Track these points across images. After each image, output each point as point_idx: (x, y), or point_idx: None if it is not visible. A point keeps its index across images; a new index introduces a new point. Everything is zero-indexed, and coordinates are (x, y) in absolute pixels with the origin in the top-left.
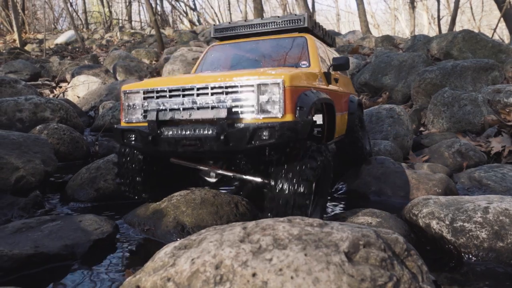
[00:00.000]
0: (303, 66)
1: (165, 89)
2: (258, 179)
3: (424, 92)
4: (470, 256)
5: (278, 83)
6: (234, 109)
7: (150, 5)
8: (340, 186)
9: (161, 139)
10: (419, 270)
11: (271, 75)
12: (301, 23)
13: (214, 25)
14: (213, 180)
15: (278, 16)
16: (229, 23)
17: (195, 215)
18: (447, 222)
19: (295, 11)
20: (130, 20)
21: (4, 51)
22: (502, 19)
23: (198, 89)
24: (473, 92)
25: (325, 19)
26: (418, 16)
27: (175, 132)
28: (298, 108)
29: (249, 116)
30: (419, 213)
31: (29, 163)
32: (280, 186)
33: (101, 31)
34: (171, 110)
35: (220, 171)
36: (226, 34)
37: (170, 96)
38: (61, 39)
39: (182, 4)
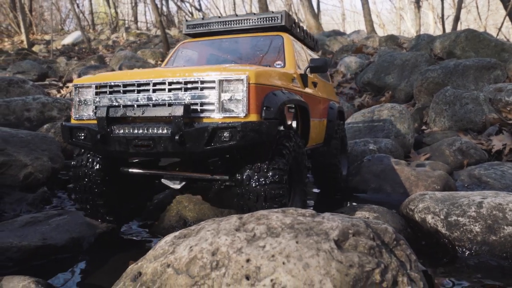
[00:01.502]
0: (277, 66)
1: (119, 84)
2: (226, 177)
3: (427, 91)
4: (464, 250)
5: (242, 80)
6: (193, 107)
7: (156, 6)
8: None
9: (111, 138)
10: (408, 258)
11: (235, 70)
12: (278, 21)
13: (186, 20)
14: (177, 186)
15: (255, 13)
16: (202, 18)
17: (197, 210)
18: (442, 217)
19: (300, 11)
20: (136, 20)
21: (12, 52)
22: (507, 17)
23: (154, 84)
24: (475, 91)
25: (331, 19)
26: (423, 15)
27: (126, 131)
28: (264, 107)
29: (209, 115)
30: (415, 208)
31: (37, 160)
32: (249, 179)
33: (107, 32)
34: (124, 106)
35: (184, 174)
36: (198, 30)
37: (124, 92)
38: (68, 40)
39: (187, 4)
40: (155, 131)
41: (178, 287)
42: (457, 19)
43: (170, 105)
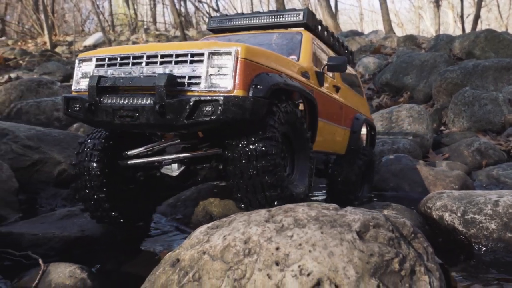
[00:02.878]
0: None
1: (116, 57)
2: (219, 151)
3: (445, 91)
4: (480, 246)
5: (230, 52)
6: (181, 80)
7: (175, 7)
8: None
9: (99, 108)
10: (425, 251)
11: (225, 45)
12: (300, 18)
13: (210, 16)
14: (176, 172)
15: (277, 10)
16: (226, 15)
17: (223, 205)
18: (459, 214)
19: (318, 11)
20: (154, 21)
21: (36, 53)
22: None
23: (148, 57)
24: (494, 92)
25: (348, 19)
26: (443, 14)
27: (113, 101)
28: (253, 85)
29: (196, 89)
30: (433, 206)
31: (69, 158)
32: (241, 166)
33: (127, 33)
34: (116, 77)
35: (177, 156)
36: (222, 26)
37: (120, 65)
38: (89, 41)
39: (205, 5)
40: (139, 101)
41: (214, 271)
42: (477, 18)
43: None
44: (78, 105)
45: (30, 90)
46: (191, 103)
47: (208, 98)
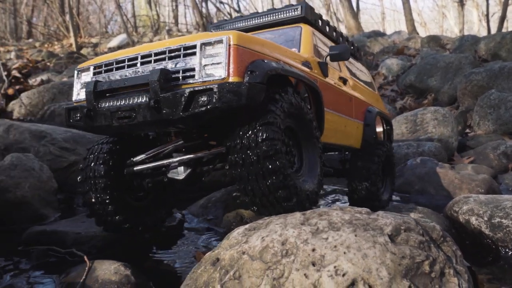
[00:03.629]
0: None
1: (112, 62)
2: (223, 149)
3: (471, 94)
4: (507, 250)
5: (222, 40)
6: (175, 75)
7: (198, 9)
8: None
9: (97, 112)
10: (454, 254)
11: (217, 34)
12: (298, 12)
13: (210, 23)
14: (182, 176)
15: (274, 9)
16: (225, 20)
17: None
18: (486, 218)
19: (339, 11)
20: (176, 23)
21: (62, 55)
22: None
23: (142, 57)
24: None
25: (370, 18)
26: (467, 13)
27: (110, 103)
28: (248, 72)
29: (189, 81)
30: (459, 210)
31: None
32: (241, 153)
33: (150, 34)
34: (111, 80)
35: (182, 158)
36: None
37: (117, 69)
38: (114, 43)
39: (226, 6)
40: (135, 100)
41: (253, 270)
42: (502, 19)
43: None
44: (78, 114)
45: (62, 92)
46: (186, 95)
47: (203, 88)
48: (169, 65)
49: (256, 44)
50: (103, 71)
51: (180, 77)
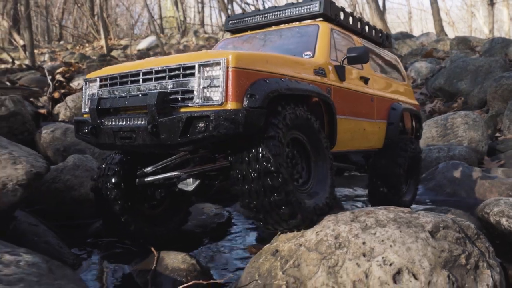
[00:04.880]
0: (305, 57)
1: (116, 76)
2: (227, 163)
3: (501, 98)
4: None
5: (219, 63)
6: (174, 96)
7: (227, 11)
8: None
9: (101, 130)
10: (487, 249)
11: (216, 54)
12: (316, 8)
13: (228, 16)
14: (191, 187)
15: (293, 3)
16: (243, 13)
17: None
18: None
19: (365, 11)
20: (202, 24)
21: (94, 57)
22: None
23: (144, 73)
24: None
25: (396, 18)
26: (497, 12)
27: (113, 123)
28: (248, 95)
29: (189, 104)
30: (490, 211)
31: None
32: (243, 169)
33: (177, 36)
34: (119, 98)
35: (189, 171)
36: (238, 26)
37: (120, 83)
38: (143, 45)
39: (252, 7)
40: (135, 122)
41: (310, 260)
42: None
43: None
44: (86, 128)
45: None
46: (183, 121)
47: (199, 114)
48: (169, 84)
49: (258, 62)
50: (108, 84)
51: (179, 98)
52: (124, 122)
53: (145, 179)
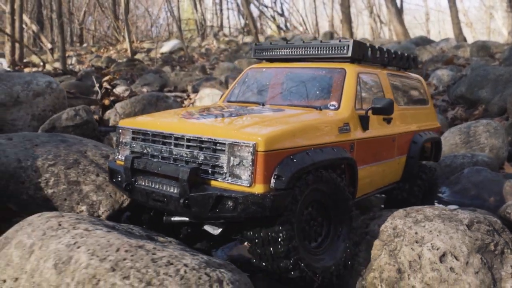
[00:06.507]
0: (331, 108)
1: (149, 132)
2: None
3: None
4: None
5: (250, 146)
6: (204, 167)
7: (252, 19)
8: (443, 190)
9: (134, 188)
10: (510, 240)
11: (246, 134)
12: (344, 52)
13: (255, 44)
14: (216, 232)
15: (321, 41)
16: (271, 43)
17: None
18: None
19: (382, 12)
20: (221, 27)
21: (120, 61)
22: None
23: (176, 138)
24: None
25: (413, 19)
26: None
27: (146, 184)
28: (275, 177)
29: (219, 179)
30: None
31: None
32: (255, 233)
33: (198, 39)
34: (146, 157)
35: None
36: (265, 56)
37: (153, 141)
38: (166, 48)
39: (270, 9)
40: (167, 189)
41: (375, 245)
42: None
43: (186, 162)
44: (119, 177)
45: (151, 103)
46: (213, 198)
47: (228, 194)
48: (200, 156)
49: (286, 141)
50: (140, 139)
51: (210, 171)
52: (157, 186)
53: (172, 219)
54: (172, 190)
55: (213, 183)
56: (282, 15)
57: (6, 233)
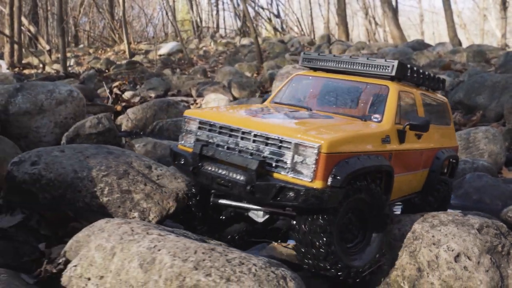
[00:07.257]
0: (374, 120)
1: (216, 124)
2: (294, 214)
3: None
4: None
5: (314, 147)
6: (268, 161)
7: (252, 24)
8: None
9: (200, 172)
10: None
11: (311, 137)
12: (388, 71)
13: (304, 53)
14: (260, 219)
15: (368, 58)
16: (319, 54)
17: None
18: None
19: (377, 13)
20: (218, 28)
21: (119, 63)
22: None
23: (243, 132)
24: None
25: (407, 20)
26: (510, 15)
27: (212, 169)
28: (332, 175)
29: (280, 172)
30: None
31: None
32: (300, 230)
33: (195, 41)
34: (216, 145)
35: (265, 209)
36: (312, 65)
37: (220, 133)
38: (164, 50)
39: (266, 11)
40: (233, 176)
41: (396, 248)
42: None
43: (251, 154)
44: (182, 161)
45: (162, 109)
46: (277, 188)
47: (291, 186)
48: (266, 151)
49: (344, 145)
50: (207, 129)
51: (274, 165)
52: (224, 172)
53: (219, 201)
54: (238, 177)
55: (275, 175)
56: (278, 16)
57: (75, 236)
